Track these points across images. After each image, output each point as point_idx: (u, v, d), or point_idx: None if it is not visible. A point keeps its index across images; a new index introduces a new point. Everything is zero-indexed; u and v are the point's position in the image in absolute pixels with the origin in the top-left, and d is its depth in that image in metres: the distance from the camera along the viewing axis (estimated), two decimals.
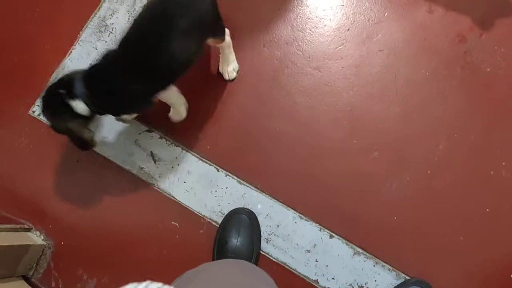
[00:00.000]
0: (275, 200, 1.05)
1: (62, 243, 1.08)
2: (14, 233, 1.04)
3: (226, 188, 1.07)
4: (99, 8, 1.21)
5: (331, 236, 1.02)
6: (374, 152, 1.06)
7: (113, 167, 1.11)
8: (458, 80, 1.08)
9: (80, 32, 1.20)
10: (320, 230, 1.03)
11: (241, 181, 1.07)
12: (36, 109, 1.15)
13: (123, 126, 1.12)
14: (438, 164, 1.04)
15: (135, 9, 1.20)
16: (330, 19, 1.15)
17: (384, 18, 1.14)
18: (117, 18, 1.20)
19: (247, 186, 1.07)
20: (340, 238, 1.02)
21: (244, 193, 1.06)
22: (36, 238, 1.07)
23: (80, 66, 0.97)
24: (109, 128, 1.12)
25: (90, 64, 0.90)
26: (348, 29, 1.14)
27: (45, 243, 1.07)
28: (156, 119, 1.12)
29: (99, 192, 1.10)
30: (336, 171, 1.06)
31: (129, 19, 1.19)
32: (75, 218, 1.10)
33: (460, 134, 1.05)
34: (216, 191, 1.07)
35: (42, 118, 1.14)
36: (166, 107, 1.11)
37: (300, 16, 1.16)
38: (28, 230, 1.08)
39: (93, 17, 1.21)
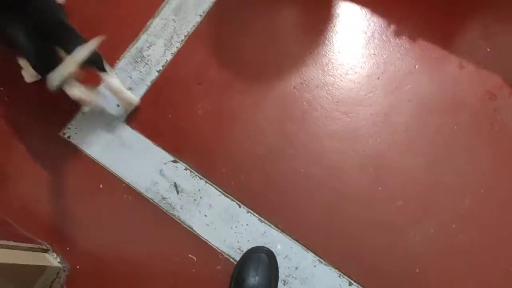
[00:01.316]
0: (295, 242, 1.04)
1: (78, 267, 1.07)
2: (32, 253, 1.03)
3: (247, 225, 1.07)
4: (137, 40, 1.26)
5: (350, 283, 1.00)
6: (398, 201, 1.05)
7: (136, 194, 1.11)
8: (486, 136, 1.09)
9: (117, 61, 1.24)
10: (339, 276, 1.01)
11: (262, 219, 1.07)
12: (67, 131, 1.17)
13: (150, 154, 1.13)
14: (464, 218, 1.03)
15: (171, 43, 1.24)
16: (361, 67, 1.18)
17: (415, 70, 1.16)
18: (153, 50, 1.24)
19: (268, 225, 1.06)
20: (359, 286, 1.00)
21: (264, 232, 1.06)
22: (52, 260, 1.07)
23: None
24: (135, 155, 1.14)
25: None
26: (378, 78, 1.16)
27: (61, 265, 1.07)
28: (183, 150, 1.13)
29: (119, 218, 1.10)
30: (359, 217, 1.05)
31: (165, 52, 1.23)
32: (93, 242, 1.09)
33: (487, 190, 1.04)
34: (236, 227, 1.07)
35: (72, 140, 1.16)
36: (191, 139, 1.13)
37: (332, 62, 1.19)
38: (46, 251, 1.08)
39: (130, 48, 1.25)
